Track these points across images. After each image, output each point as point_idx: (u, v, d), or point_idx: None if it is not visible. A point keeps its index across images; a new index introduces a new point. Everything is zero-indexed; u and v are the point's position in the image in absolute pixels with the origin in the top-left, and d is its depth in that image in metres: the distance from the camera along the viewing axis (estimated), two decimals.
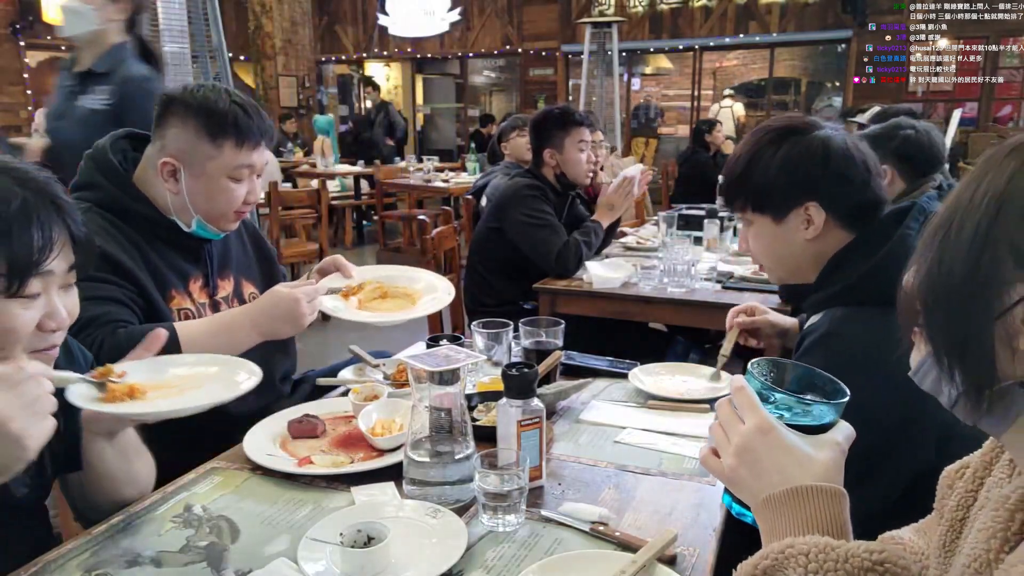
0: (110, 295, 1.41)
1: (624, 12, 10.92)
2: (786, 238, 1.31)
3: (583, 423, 1.45)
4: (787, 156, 1.27)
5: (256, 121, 1.52)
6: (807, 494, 0.72)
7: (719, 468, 0.79)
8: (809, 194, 1.26)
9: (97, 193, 1.51)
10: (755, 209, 1.32)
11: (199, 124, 1.48)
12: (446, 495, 1.11)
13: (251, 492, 1.17)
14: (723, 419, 0.80)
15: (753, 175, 1.30)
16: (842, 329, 1.20)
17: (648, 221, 4.21)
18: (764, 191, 1.30)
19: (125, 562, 0.99)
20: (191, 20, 4.09)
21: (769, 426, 0.75)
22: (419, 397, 1.12)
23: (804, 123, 1.30)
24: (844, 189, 1.26)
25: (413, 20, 11.99)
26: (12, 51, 10.62)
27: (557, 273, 2.68)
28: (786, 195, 1.28)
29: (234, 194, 1.54)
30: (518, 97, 12.82)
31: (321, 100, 13.08)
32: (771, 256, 1.37)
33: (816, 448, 0.75)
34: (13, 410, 0.84)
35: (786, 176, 1.27)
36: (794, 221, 1.29)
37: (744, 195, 1.33)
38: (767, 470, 0.74)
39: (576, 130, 2.88)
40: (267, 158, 1.60)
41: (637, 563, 0.92)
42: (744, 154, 1.32)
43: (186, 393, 1.11)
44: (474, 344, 1.64)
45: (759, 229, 1.34)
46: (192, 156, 1.50)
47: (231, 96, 1.52)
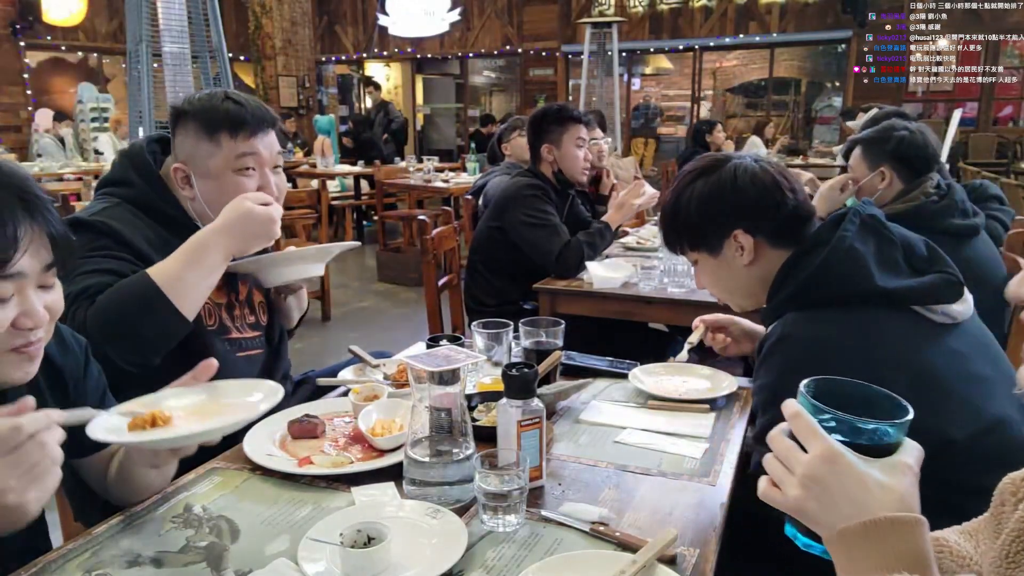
0: (110, 267, 1.38)
1: (624, 12, 10.92)
2: (727, 268, 1.37)
3: (583, 423, 1.45)
4: (703, 193, 1.35)
5: (250, 110, 1.51)
6: (886, 527, 0.67)
7: (783, 500, 0.74)
8: (731, 223, 1.33)
9: (128, 190, 1.53)
10: (692, 248, 1.41)
11: (197, 126, 1.50)
12: (446, 495, 1.11)
13: (251, 492, 1.17)
14: (780, 450, 0.75)
15: (680, 217, 1.39)
16: (794, 331, 1.23)
17: (648, 221, 4.21)
18: (692, 230, 1.38)
19: (125, 562, 0.98)
20: (191, 20, 4.09)
21: (836, 453, 0.71)
22: (419, 397, 1.12)
23: (715, 160, 1.38)
24: (760, 211, 1.32)
25: (413, 20, 12.00)
26: (12, 51, 10.63)
27: (558, 273, 2.68)
28: (711, 230, 1.35)
29: (244, 187, 1.51)
30: (518, 97, 12.82)
31: (321, 100, 13.08)
32: (721, 287, 1.44)
33: (890, 474, 0.71)
34: (10, 479, 0.80)
35: (705, 213, 1.35)
36: (728, 251, 1.35)
37: (679, 237, 1.42)
38: (838, 501, 0.70)
39: (574, 127, 2.89)
40: (277, 149, 1.57)
41: (637, 563, 0.92)
42: (670, 200, 1.41)
43: (209, 417, 1.08)
44: (474, 344, 1.64)
45: (703, 266, 1.42)
46: (197, 158, 1.51)
47: (227, 94, 1.52)
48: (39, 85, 11.35)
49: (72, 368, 1.15)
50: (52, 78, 11.75)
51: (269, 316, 1.74)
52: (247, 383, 1.19)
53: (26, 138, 10.11)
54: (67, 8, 11.07)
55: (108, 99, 9.60)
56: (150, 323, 1.31)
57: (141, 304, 1.30)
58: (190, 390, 1.12)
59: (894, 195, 2.27)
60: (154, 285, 1.31)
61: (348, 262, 7.38)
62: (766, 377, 1.25)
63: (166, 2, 4.00)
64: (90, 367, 1.19)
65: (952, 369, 1.19)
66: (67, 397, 1.13)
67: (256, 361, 1.67)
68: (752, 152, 6.47)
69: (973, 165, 9.01)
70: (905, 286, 1.21)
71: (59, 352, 1.13)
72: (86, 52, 11.88)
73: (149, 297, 1.31)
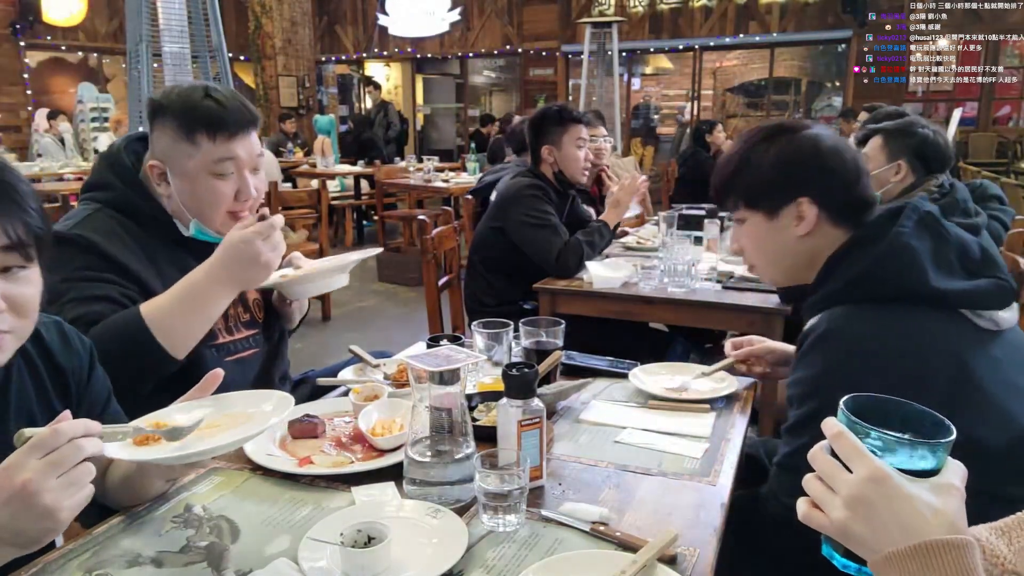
0: (103, 294, 1.37)
1: (624, 12, 10.93)
2: (778, 235, 1.31)
3: (583, 423, 1.45)
4: (779, 152, 1.29)
5: (231, 110, 1.45)
6: (937, 550, 0.66)
7: (825, 523, 0.73)
8: (801, 189, 1.27)
9: (108, 193, 1.50)
10: (748, 206, 1.34)
11: (175, 123, 1.45)
12: (446, 495, 1.11)
13: (251, 492, 1.17)
14: (823, 469, 0.74)
15: (746, 173, 1.32)
16: (842, 326, 1.19)
17: (648, 221, 4.21)
18: (757, 187, 1.32)
19: (125, 562, 0.98)
20: (191, 20, 4.10)
21: (884, 474, 0.69)
22: (419, 397, 1.12)
23: (797, 122, 1.34)
24: (835, 185, 1.27)
25: (413, 20, 12.01)
26: (12, 51, 10.63)
27: (558, 273, 2.68)
28: (779, 190, 1.29)
29: (220, 192, 1.48)
30: (518, 97, 12.82)
31: (321, 100, 13.08)
32: (764, 254, 1.37)
33: (939, 495, 0.69)
34: (47, 480, 0.80)
35: (779, 172, 1.29)
36: (786, 217, 1.29)
37: (737, 193, 1.35)
38: (886, 523, 0.68)
39: (574, 127, 2.89)
40: (256, 150, 1.52)
41: (637, 563, 0.92)
42: (737, 153, 1.34)
43: (222, 430, 1.07)
44: (474, 344, 1.64)
45: (751, 227, 1.35)
46: (173, 157, 1.47)
47: (207, 91, 1.47)
48: (39, 85, 11.36)
49: (76, 369, 1.15)
50: (52, 78, 11.76)
51: (266, 313, 1.72)
52: (258, 394, 1.17)
53: (26, 138, 10.11)
54: (67, 8, 11.08)
55: (108, 99, 9.61)
56: (139, 365, 1.31)
57: (132, 348, 1.30)
58: (198, 403, 1.11)
59: (904, 188, 2.28)
60: (147, 331, 1.30)
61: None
62: (807, 370, 1.21)
63: (166, 2, 4.01)
64: (95, 370, 1.19)
65: (993, 376, 1.16)
66: (68, 396, 1.13)
67: (250, 363, 1.64)
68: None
69: (973, 165, 9.01)
70: (959, 289, 1.17)
71: (63, 351, 1.13)
72: (86, 52, 11.89)
73: (140, 342, 1.30)
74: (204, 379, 1.12)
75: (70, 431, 0.83)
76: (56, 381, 1.12)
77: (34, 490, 0.79)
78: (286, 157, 9.12)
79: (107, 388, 1.21)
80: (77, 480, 0.83)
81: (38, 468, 0.80)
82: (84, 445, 0.83)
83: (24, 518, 0.80)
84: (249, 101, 1.54)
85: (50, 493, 0.80)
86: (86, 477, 0.84)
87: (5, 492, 0.80)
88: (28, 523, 0.81)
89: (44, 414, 1.09)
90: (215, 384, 1.12)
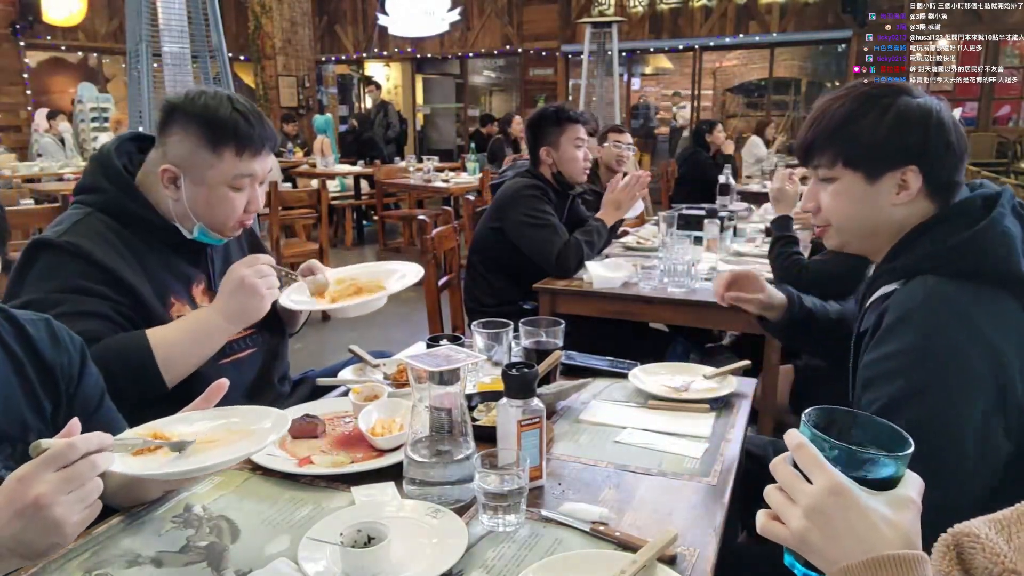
0: (94, 310, 1.38)
1: (624, 12, 10.93)
2: (874, 200, 1.23)
3: (583, 423, 1.45)
4: (900, 114, 1.19)
5: (258, 129, 1.49)
6: (891, 564, 0.66)
7: (784, 534, 0.73)
8: (913, 158, 1.19)
9: (100, 197, 1.50)
10: (847, 164, 1.23)
11: (200, 132, 1.46)
12: (446, 495, 1.11)
13: (251, 492, 1.17)
14: (783, 479, 0.74)
15: (855, 129, 1.21)
16: (942, 293, 1.12)
17: (648, 221, 4.21)
18: (865, 147, 1.21)
19: (125, 562, 0.98)
20: (191, 20, 4.09)
21: (843, 487, 0.70)
22: (419, 397, 1.12)
23: (910, 87, 1.24)
24: (946, 160, 1.20)
25: (413, 20, 12.01)
26: (12, 51, 10.64)
27: (557, 273, 2.68)
28: (890, 155, 1.20)
29: (234, 203, 1.51)
30: (518, 97, 12.82)
31: (321, 100, 13.08)
32: (850, 217, 1.27)
33: (895, 509, 0.70)
34: (59, 494, 0.80)
35: (896, 135, 1.19)
36: (888, 183, 1.21)
37: (837, 148, 1.24)
38: (841, 535, 0.69)
39: (572, 127, 2.89)
40: (270, 166, 1.57)
41: (637, 563, 0.92)
42: (844, 107, 1.23)
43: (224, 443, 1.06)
44: (474, 344, 1.64)
45: (845, 187, 1.25)
46: (192, 164, 1.47)
47: (233, 103, 1.49)
48: (39, 85, 11.36)
49: (64, 366, 1.14)
50: (52, 78, 11.76)
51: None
52: (258, 410, 1.15)
53: (26, 138, 10.11)
54: (67, 8, 11.07)
55: (108, 99, 9.61)
56: (132, 387, 1.34)
57: (134, 373, 1.35)
58: (201, 415, 1.10)
59: None
60: (152, 360, 1.37)
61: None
62: (906, 339, 1.11)
63: (166, 2, 4.00)
64: (87, 368, 1.18)
65: None
66: (58, 393, 1.13)
67: (247, 364, 1.64)
68: (754, 152, 6.44)
69: (973, 165, 9.00)
70: None
71: (50, 347, 1.12)
72: (86, 52, 11.89)
73: (144, 368, 1.36)
74: (208, 390, 1.11)
75: (85, 446, 0.83)
76: (44, 378, 1.11)
77: (46, 504, 0.80)
78: (286, 157, 9.13)
79: (100, 387, 1.21)
80: (88, 496, 0.83)
81: (52, 482, 0.80)
82: (98, 462, 0.84)
83: (33, 531, 0.81)
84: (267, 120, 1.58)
85: (61, 508, 0.80)
86: (96, 493, 0.84)
87: (18, 504, 0.80)
88: (36, 536, 0.81)
89: (32, 412, 1.09)
90: (219, 395, 1.11)
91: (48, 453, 0.81)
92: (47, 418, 1.11)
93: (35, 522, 0.80)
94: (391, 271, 1.72)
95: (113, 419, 1.21)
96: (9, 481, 0.81)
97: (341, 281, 1.65)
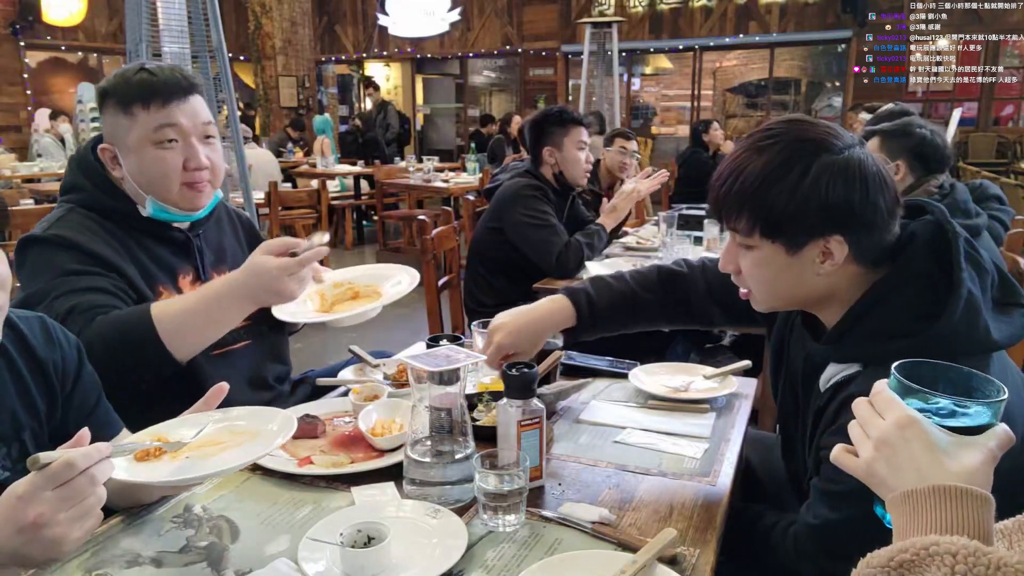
0: (92, 285, 1.37)
1: (624, 12, 10.93)
2: (796, 271, 1.10)
3: (583, 423, 1.45)
4: (818, 181, 1.03)
5: (161, 77, 1.45)
6: (952, 495, 0.68)
7: (854, 464, 0.77)
8: (838, 227, 1.05)
9: (80, 195, 1.50)
10: (765, 235, 1.09)
11: (115, 101, 1.46)
12: (446, 495, 1.11)
13: (251, 492, 1.17)
14: (861, 416, 0.77)
15: (772, 194, 1.05)
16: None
17: (648, 221, 4.21)
18: (782, 217, 1.06)
19: (125, 562, 0.98)
20: (191, 20, 4.09)
21: (910, 420, 0.72)
22: (419, 397, 1.12)
23: (833, 139, 1.07)
24: (876, 222, 1.06)
25: (413, 20, 12.02)
26: (12, 51, 10.64)
27: (557, 274, 2.68)
28: (810, 226, 1.05)
29: (166, 161, 1.46)
30: (518, 97, 12.82)
31: (321, 100, 13.08)
32: (770, 287, 1.15)
33: (962, 449, 0.71)
34: (57, 512, 0.80)
35: (815, 204, 1.04)
36: (810, 254, 1.07)
37: (755, 216, 1.08)
38: (904, 466, 0.71)
39: (575, 130, 2.90)
40: (203, 118, 1.51)
41: (637, 563, 0.92)
42: (760, 168, 1.07)
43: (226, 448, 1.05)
44: (474, 344, 1.64)
45: (763, 258, 1.11)
46: (117, 135, 1.47)
47: (142, 66, 1.47)
48: (39, 85, 11.36)
49: (58, 363, 1.13)
50: (52, 78, 11.76)
51: None
52: (262, 411, 1.14)
53: (26, 138, 10.11)
54: (67, 8, 11.08)
55: None
56: (136, 362, 1.30)
57: (134, 343, 1.29)
58: (204, 418, 1.09)
59: (902, 189, 2.28)
60: (152, 328, 1.29)
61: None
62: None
63: (166, 2, 4.00)
64: (84, 368, 1.18)
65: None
66: (52, 392, 1.12)
67: (240, 357, 1.60)
68: None
69: (973, 165, 9.02)
70: (1009, 336, 1.05)
71: (44, 345, 1.12)
72: (86, 52, 11.89)
73: (144, 338, 1.29)
74: (209, 393, 1.10)
75: (84, 462, 0.82)
76: (37, 377, 1.11)
77: (45, 523, 0.80)
78: (286, 157, 9.13)
79: (97, 388, 1.20)
80: (88, 511, 0.83)
81: (51, 500, 0.81)
82: (97, 476, 0.84)
83: (32, 548, 0.82)
84: (187, 70, 1.53)
85: (60, 527, 0.81)
86: (97, 506, 0.84)
87: (18, 523, 0.80)
88: (35, 552, 0.82)
89: (25, 411, 1.08)
90: (220, 398, 1.10)
91: (47, 471, 0.81)
92: (41, 417, 1.10)
93: (35, 540, 0.81)
94: (388, 275, 1.70)
95: (109, 420, 1.20)
96: (9, 498, 0.82)
97: (339, 285, 1.64)
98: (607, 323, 1.46)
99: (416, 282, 1.62)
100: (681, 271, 1.49)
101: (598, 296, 1.45)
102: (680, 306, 1.48)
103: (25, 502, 0.81)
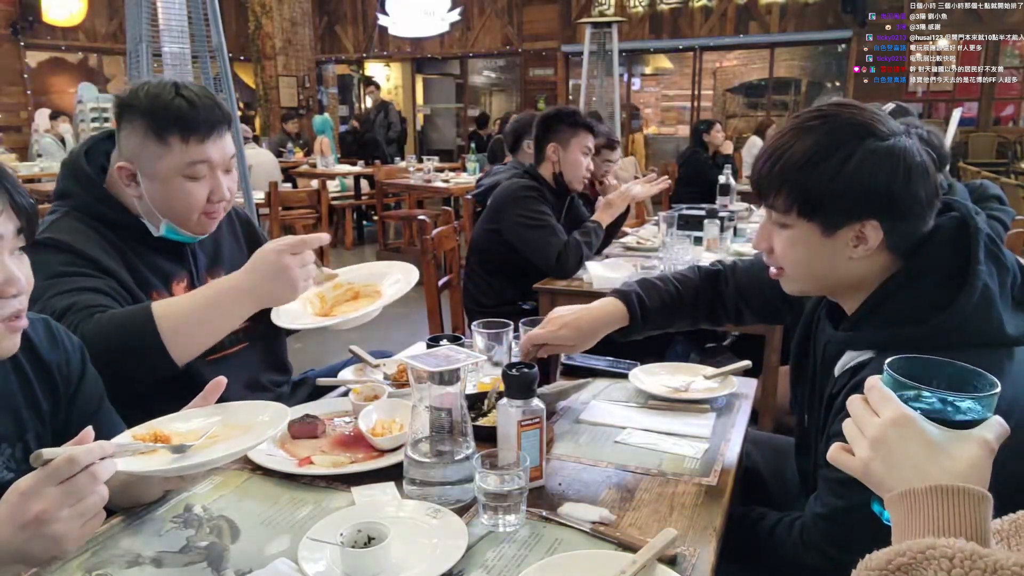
0: (88, 285, 1.36)
1: (624, 12, 10.93)
2: (828, 253, 1.11)
3: (583, 423, 1.45)
4: (862, 165, 1.04)
5: (203, 113, 1.42)
6: (950, 494, 0.67)
7: (851, 463, 0.76)
8: (876, 210, 1.06)
9: (72, 201, 1.48)
10: (802, 214, 1.10)
11: (145, 123, 1.42)
12: (446, 495, 1.11)
13: (251, 492, 1.17)
14: (855, 414, 0.77)
15: (814, 175, 1.07)
16: None
17: (648, 221, 4.21)
18: (822, 197, 1.07)
19: (125, 562, 0.98)
20: (191, 20, 4.09)
21: (906, 418, 0.72)
22: (419, 397, 1.12)
23: (880, 125, 1.07)
24: (913, 213, 1.07)
25: (413, 20, 12.02)
26: (12, 51, 10.64)
27: (557, 274, 2.68)
28: (849, 209, 1.07)
29: (193, 195, 1.45)
30: (518, 97, 12.82)
31: (321, 100, 13.08)
32: (803, 267, 1.16)
33: (958, 444, 0.70)
34: (59, 510, 0.80)
35: (856, 188, 1.05)
36: (844, 236, 1.09)
37: (794, 195, 1.09)
38: (901, 464, 0.71)
39: (583, 134, 2.91)
40: (230, 151, 1.50)
41: (637, 563, 0.92)
42: (804, 147, 1.08)
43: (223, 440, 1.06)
44: (474, 344, 1.64)
45: (798, 237, 1.12)
46: (143, 157, 1.43)
47: (178, 89, 1.43)
48: (39, 85, 11.36)
49: (62, 365, 1.13)
50: (52, 78, 11.76)
51: None
52: (256, 404, 1.15)
53: (26, 138, 10.11)
54: (67, 8, 11.08)
55: (108, 99, 9.59)
56: (135, 362, 1.29)
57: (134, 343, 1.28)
58: (199, 412, 1.10)
59: None
60: (153, 328, 1.27)
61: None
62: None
63: (166, 2, 4.00)
64: (87, 370, 1.18)
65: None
66: (56, 393, 1.12)
67: (235, 362, 1.59)
68: (755, 153, 6.42)
69: (973, 165, 9.02)
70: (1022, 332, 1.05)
71: (49, 347, 1.12)
72: (86, 52, 11.89)
73: (144, 338, 1.27)
74: (207, 388, 1.10)
75: (85, 458, 0.83)
76: (42, 378, 1.11)
77: (48, 519, 0.80)
78: (286, 157, 9.12)
79: (100, 389, 1.20)
80: (89, 509, 0.83)
81: (54, 497, 0.81)
82: (99, 473, 0.84)
83: (34, 545, 0.82)
84: (219, 97, 1.51)
85: (62, 524, 0.81)
86: (99, 504, 0.84)
87: (20, 520, 0.80)
88: (37, 549, 0.82)
89: (29, 412, 1.08)
90: (218, 393, 1.10)
91: (49, 467, 0.81)
92: (45, 418, 1.11)
93: (37, 537, 0.81)
94: (386, 274, 1.69)
95: (111, 422, 1.20)
96: (12, 494, 0.82)
97: (338, 286, 1.64)
98: (655, 323, 1.54)
99: (415, 278, 1.62)
100: (718, 270, 1.58)
101: (648, 298, 1.53)
102: (717, 305, 1.55)
103: (27, 498, 0.81)
